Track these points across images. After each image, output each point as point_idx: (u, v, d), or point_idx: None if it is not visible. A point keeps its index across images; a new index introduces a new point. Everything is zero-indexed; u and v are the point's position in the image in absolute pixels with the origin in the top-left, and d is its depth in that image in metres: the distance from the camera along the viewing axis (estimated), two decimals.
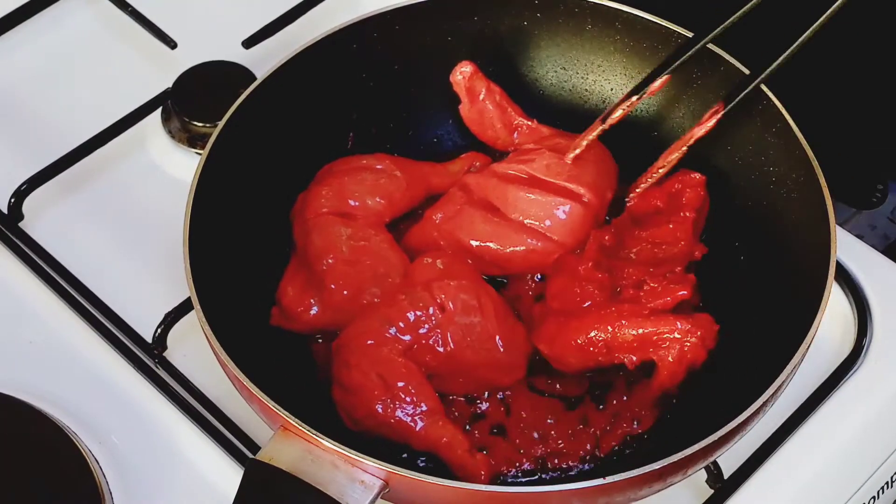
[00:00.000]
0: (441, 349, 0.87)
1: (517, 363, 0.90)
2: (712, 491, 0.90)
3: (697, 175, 0.94)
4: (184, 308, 0.95)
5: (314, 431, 0.77)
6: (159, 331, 0.95)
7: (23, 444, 0.89)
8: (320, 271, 0.90)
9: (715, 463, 0.89)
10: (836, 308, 0.98)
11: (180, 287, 0.86)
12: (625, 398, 0.90)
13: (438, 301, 0.88)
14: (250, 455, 0.89)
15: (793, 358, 0.81)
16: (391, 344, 0.86)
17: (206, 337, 0.82)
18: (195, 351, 0.94)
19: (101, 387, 0.94)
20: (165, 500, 0.90)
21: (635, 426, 0.89)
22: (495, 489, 0.79)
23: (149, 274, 1.00)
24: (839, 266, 0.99)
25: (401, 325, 0.87)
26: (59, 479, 0.88)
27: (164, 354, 0.95)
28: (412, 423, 0.85)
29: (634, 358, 0.87)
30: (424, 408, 0.85)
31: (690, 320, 0.86)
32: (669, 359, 0.86)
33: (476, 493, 0.77)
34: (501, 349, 0.89)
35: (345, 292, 0.89)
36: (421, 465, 0.87)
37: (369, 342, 0.86)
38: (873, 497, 0.94)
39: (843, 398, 0.94)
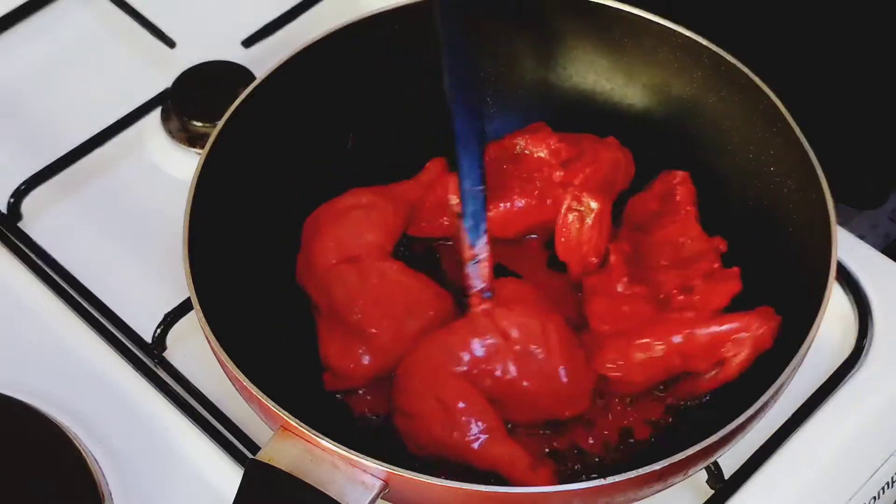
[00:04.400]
0: (501, 376, 0.86)
1: (581, 394, 0.88)
2: (713, 491, 0.90)
3: (680, 172, 0.95)
4: (183, 308, 0.95)
5: (314, 431, 0.76)
6: (159, 331, 0.95)
7: (23, 444, 0.89)
8: (355, 321, 0.89)
9: (715, 463, 0.89)
10: (836, 308, 0.98)
11: (180, 287, 0.85)
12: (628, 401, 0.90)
13: (500, 328, 0.87)
14: (250, 455, 0.88)
15: (793, 358, 0.81)
16: (450, 368, 0.86)
17: (206, 337, 0.82)
18: (195, 351, 0.94)
19: (101, 387, 0.94)
20: (165, 500, 0.90)
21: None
22: (495, 489, 0.78)
23: (148, 274, 1.00)
24: (840, 266, 0.99)
25: (463, 353, 0.86)
26: (59, 479, 0.88)
27: (164, 355, 0.95)
28: (473, 444, 0.84)
29: (702, 366, 0.87)
30: (483, 426, 0.84)
31: (756, 315, 0.86)
32: (742, 355, 0.86)
33: (476, 494, 0.77)
34: (564, 380, 0.87)
35: (388, 332, 0.89)
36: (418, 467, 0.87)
37: (429, 368, 0.86)
38: (874, 497, 0.94)
39: (844, 398, 0.94)
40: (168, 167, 1.07)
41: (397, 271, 0.92)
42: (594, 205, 0.92)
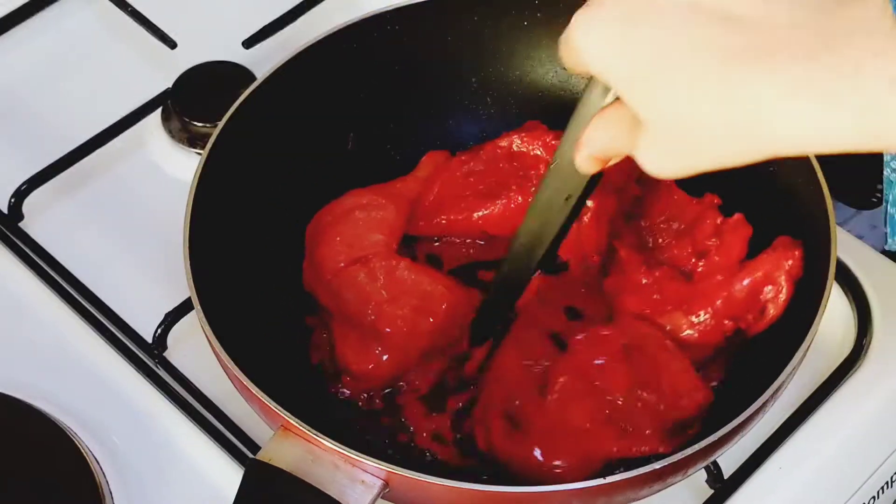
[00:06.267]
0: None
1: None
2: (712, 491, 0.90)
3: None
4: (184, 308, 0.95)
5: (314, 431, 0.77)
6: (159, 331, 0.95)
7: (23, 444, 0.89)
8: (370, 322, 0.89)
9: (715, 463, 0.89)
10: (836, 308, 0.98)
11: (180, 287, 0.86)
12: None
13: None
14: (250, 455, 0.89)
15: (793, 358, 0.81)
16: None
17: (206, 337, 0.82)
18: (195, 351, 0.94)
19: (101, 387, 0.94)
20: (165, 500, 0.90)
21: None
22: (495, 489, 0.78)
23: (149, 274, 1.00)
24: (839, 266, 0.99)
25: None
26: (59, 479, 0.88)
27: (165, 354, 0.95)
28: None
29: (750, 317, 0.87)
30: None
31: (779, 251, 0.86)
32: (784, 292, 0.86)
33: (476, 493, 0.77)
34: None
35: (404, 329, 0.89)
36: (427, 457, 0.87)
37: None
38: (873, 497, 0.94)
39: (844, 398, 0.94)
40: (169, 167, 1.08)
41: (405, 269, 0.92)
42: (590, 202, 0.93)
